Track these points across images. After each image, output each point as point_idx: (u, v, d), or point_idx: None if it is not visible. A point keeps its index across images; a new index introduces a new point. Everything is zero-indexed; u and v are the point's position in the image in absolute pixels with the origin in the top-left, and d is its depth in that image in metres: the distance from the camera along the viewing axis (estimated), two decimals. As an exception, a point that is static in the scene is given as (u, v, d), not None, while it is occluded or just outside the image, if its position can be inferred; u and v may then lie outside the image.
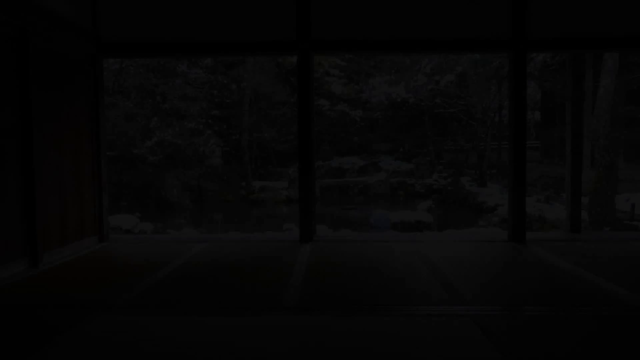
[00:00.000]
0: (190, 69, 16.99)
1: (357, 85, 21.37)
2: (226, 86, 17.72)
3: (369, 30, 5.25)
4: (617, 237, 6.07)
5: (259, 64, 17.42)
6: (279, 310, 3.16)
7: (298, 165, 5.31)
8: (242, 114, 17.88)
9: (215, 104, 18.06)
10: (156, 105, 15.64)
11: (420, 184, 18.83)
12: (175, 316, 3.05)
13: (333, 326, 2.86)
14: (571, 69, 5.91)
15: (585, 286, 3.63)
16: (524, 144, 5.27)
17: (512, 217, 5.31)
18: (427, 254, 4.70)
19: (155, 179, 15.25)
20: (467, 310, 3.10)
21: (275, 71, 18.62)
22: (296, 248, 5.01)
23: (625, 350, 2.52)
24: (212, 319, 3.00)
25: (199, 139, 16.35)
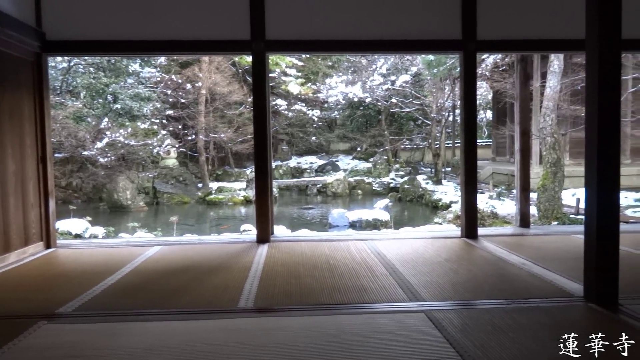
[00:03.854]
0: (143, 67, 16.55)
1: (315, 85, 21.41)
2: (181, 86, 17.36)
3: (324, 30, 5.25)
4: (563, 230, 6.34)
5: (214, 63, 17.17)
6: (234, 312, 3.12)
7: (254, 166, 5.26)
8: (197, 114, 17.57)
9: (170, 103, 17.67)
10: (107, 105, 15.14)
11: (378, 183, 19.08)
12: (125, 322, 2.95)
13: (289, 325, 2.84)
14: (519, 70, 6.13)
15: (533, 279, 3.76)
16: (474, 143, 5.41)
17: (465, 214, 5.44)
18: (383, 251, 4.76)
19: (107, 182, 14.77)
20: (421, 305, 3.16)
21: (231, 70, 18.41)
22: (253, 249, 4.96)
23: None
24: (164, 324, 2.92)
25: (153, 140, 15.95)
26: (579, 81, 12.59)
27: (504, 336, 2.63)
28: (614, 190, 3.06)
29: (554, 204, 10.02)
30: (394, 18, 5.27)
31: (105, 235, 9.97)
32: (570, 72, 12.86)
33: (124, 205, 14.68)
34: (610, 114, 3.02)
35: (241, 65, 18.12)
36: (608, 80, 3.00)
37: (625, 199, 12.73)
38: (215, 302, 3.32)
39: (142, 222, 12.48)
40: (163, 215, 14.30)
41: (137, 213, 14.55)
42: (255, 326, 2.88)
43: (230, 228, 11.81)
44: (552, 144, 9.95)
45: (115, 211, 14.44)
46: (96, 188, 15.25)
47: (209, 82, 17.26)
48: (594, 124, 3.05)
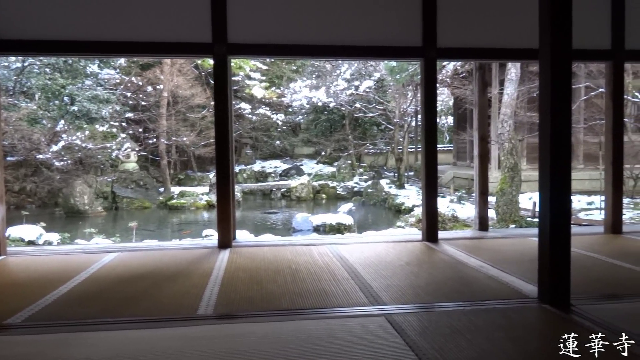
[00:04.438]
0: (102, 69, 16.10)
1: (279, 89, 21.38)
2: (141, 88, 16.99)
3: (287, 34, 5.24)
4: (520, 233, 6.53)
5: (176, 65, 16.89)
6: (193, 319, 3.06)
7: (215, 171, 5.19)
8: (159, 117, 17.22)
9: (130, 106, 17.26)
10: (63, 107, 14.64)
11: (342, 187, 19.19)
12: (78, 333, 2.85)
13: (250, 332, 2.81)
14: (477, 77, 6.29)
15: (490, 281, 3.86)
16: (435, 148, 5.50)
17: (426, 218, 5.53)
18: (345, 255, 4.78)
19: (63, 186, 14.27)
20: (381, 309, 3.18)
21: (194, 73, 18.15)
22: (214, 255, 4.89)
23: (525, 338, 2.70)
24: (119, 333, 2.83)
25: (112, 143, 15.52)
26: (535, 89, 13.03)
27: (461, 338, 2.68)
28: (565, 194, 3.18)
29: (511, 207, 10.32)
30: (358, 25, 5.31)
31: (60, 241, 9.62)
32: (527, 80, 13.30)
33: (81, 210, 14.22)
34: (561, 121, 3.13)
35: (204, 68, 17.89)
36: (559, 88, 3.12)
37: (578, 203, 13.25)
38: (174, 309, 3.25)
39: (100, 227, 12.12)
40: (122, 220, 13.93)
41: (94, 218, 14.12)
42: (215, 333, 2.83)
43: (192, 233, 11.61)
44: (510, 149, 10.26)
45: (72, 217, 13.96)
46: (51, 193, 14.71)
47: (170, 84, 16.96)
48: (546, 130, 3.16)
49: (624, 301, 3.36)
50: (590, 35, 5.62)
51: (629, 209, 12.49)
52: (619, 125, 5.82)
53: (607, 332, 2.75)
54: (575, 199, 13.42)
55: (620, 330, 2.75)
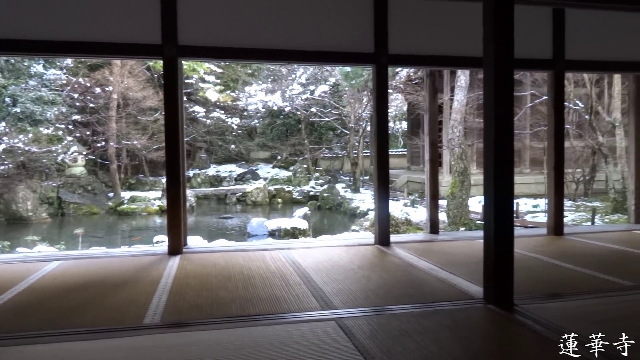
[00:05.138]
0: (47, 69, 15.44)
1: (234, 93, 21.17)
2: (89, 89, 16.40)
3: (241, 38, 5.18)
4: (469, 236, 6.72)
5: (127, 66, 16.42)
6: (139, 329, 2.96)
7: (166, 175, 5.07)
8: (108, 120, 16.67)
9: (77, 108, 16.63)
10: (4, 108, 13.93)
11: (298, 191, 19.18)
12: (14, 346, 2.70)
13: (198, 340, 2.75)
14: (428, 84, 6.44)
15: (439, 283, 3.94)
16: (386, 153, 5.58)
17: (378, 222, 5.59)
18: (298, 260, 4.77)
19: (5, 191, 13.56)
20: (332, 313, 3.19)
21: (146, 75, 17.70)
22: (164, 262, 4.76)
23: (470, 338, 2.77)
24: (60, 346, 2.71)
25: (57, 147, 14.89)
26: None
27: (410, 340, 2.72)
28: (508, 198, 3.29)
29: (461, 210, 10.62)
30: (312, 30, 5.33)
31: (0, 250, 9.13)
32: (476, 87, 13.74)
33: (23, 216, 13.56)
34: (504, 127, 3.25)
35: (156, 70, 17.48)
36: (502, 95, 3.23)
37: (525, 205, 13.80)
38: (119, 319, 3.14)
39: (44, 235, 11.60)
40: (68, 227, 13.38)
41: (38, 225, 13.50)
42: (162, 343, 2.75)
43: (144, 240, 11.30)
44: (460, 154, 10.56)
45: (14, 224, 13.30)
46: (-9, 198, 13.96)
47: (121, 86, 16.47)
48: (490, 136, 3.27)
49: (564, 300, 3.50)
50: (533, 45, 5.86)
51: (571, 211, 13.11)
52: (560, 132, 6.10)
53: (547, 330, 2.87)
54: (522, 202, 13.98)
55: (559, 328, 2.88)
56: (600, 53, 6.14)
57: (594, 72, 10.56)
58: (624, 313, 3.18)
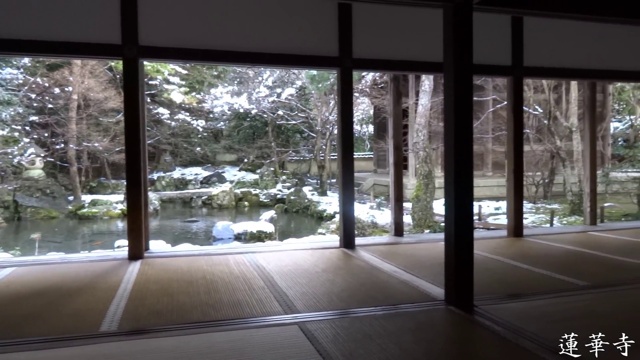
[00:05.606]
0: (3, 68, 14.87)
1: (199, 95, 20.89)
2: (48, 90, 15.86)
3: (204, 39, 5.12)
4: (433, 238, 6.81)
5: (88, 66, 15.96)
6: (96, 337, 2.87)
7: (126, 178, 4.95)
8: (68, 121, 16.16)
9: (35, 109, 16.07)
10: (-43, 108, 13.34)
11: (265, 194, 19.07)
12: (-40, 358, 2.58)
13: (157, 347, 2.68)
14: (392, 88, 6.51)
15: (402, 285, 3.98)
16: (351, 156, 5.61)
17: (343, 225, 5.61)
18: (263, 264, 4.73)
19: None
20: (295, 317, 3.17)
21: (107, 75, 17.25)
22: (124, 267, 4.64)
23: (431, 340, 2.80)
24: (11, 357, 2.59)
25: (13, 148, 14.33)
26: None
27: (372, 343, 2.73)
28: (468, 200, 3.35)
29: (426, 213, 10.77)
30: (277, 33, 5.31)
31: (-50, 256, 8.70)
32: (440, 92, 13.96)
33: (-24, 221, 12.99)
34: (464, 131, 3.31)
35: (118, 71, 17.03)
36: (462, 100, 3.29)
37: (487, 208, 14.11)
38: (75, 327, 3.03)
39: (-1, 240, 11.13)
40: (25, 232, 12.89)
41: (-8, 230, 12.95)
42: (118, 350, 2.67)
43: (104, 244, 10.98)
44: (424, 157, 10.72)
45: (-35, 229, 12.72)
46: (-59, 202, 13.32)
47: (81, 86, 15.99)
48: (450, 139, 3.32)
49: (522, 300, 3.59)
50: (493, 52, 6.02)
51: (531, 213, 13.49)
52: (519, 136, 6.27)
53: (505, 331, 2.93)
54: (485, 204, 14.30)
55: (517, 328, 2.95)
56: (557, 60, 6.36)
57: (551, 78, 10.92)
58: (578, 312, 3.28)
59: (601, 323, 3.04)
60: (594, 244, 5.77)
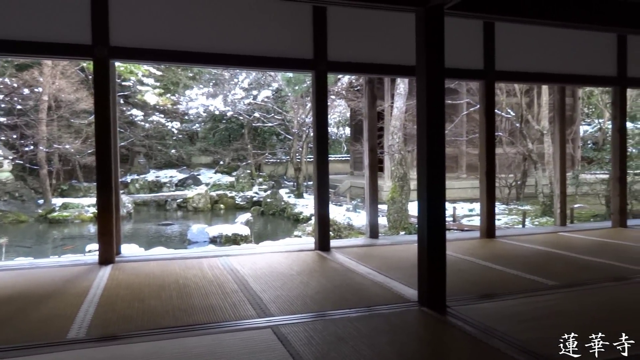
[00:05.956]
0: (-31, 68, 14.44)
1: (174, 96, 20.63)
2: (17, 90, 15.45)
3: (177, 40, 5.05)
4: (408, 239, 6.86)
5: (59, 67, 15.61)
6: (63, 344, 2.79)
7: (96, 180, 4.85)
8: (38, 123, 15.76)
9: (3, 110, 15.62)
10: None
11: (241, 197, 18.95)
12: None
13: (126, 354, 2.63)
14: (367, 91, 6.55)
15: (376, 287, 3.99)
16: (326, 158, 5.61)
17: (318, 227, 5.61)
18: (237, 267, 4.69)
19: None
20: (268, 321, 3.15)
21: (79, 76, 16.91)
22: (95, 272, 4.54)
23: (403, 341, 2.82)
24: (-28, 366, 2.51)
25: (-20, 151, 13.93)
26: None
27: (345, 345, 2.73)
28: (440, 202, 3.39)
29: (401, 215, 10.86)
30: (252, 35, 5.29)
31: None
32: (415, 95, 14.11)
33: (-60, 226, 12.56)
34: (436, 133, 3.35)
35: (90, 71, 16.72)
36: (434, 103, 3.33)
37: (462, 209, 14.31)
38: (41, 334, 2.95)
39: (-36, 245, 10.77)
40: (-8, 236, 12.51)
41: (-42, 235, 12.53)
42: (86, 358, 2.61)
43: (75, 249, 10.76)
44: (400, 160, 10.81)
45: None
46: None
47: (52, 87, 15.63)
48: (423, 142, 3.35)
49: (494, 301, 3.64)
50: (466, 56, 6.11)
51: (504, 214, 13.74)
52: (491, 139, 6.38)
53: (476, 331, 2.97)
54: (459, 206, 14.50)
55: (488, 328, 2.99)
56: (528, 65, 6.49)
57: (522, 82, 11.15)
58: (547, 312, 3.35)
59: (569, 322, 3.11)
60: (563, 244, 5.90)
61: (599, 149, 16.69)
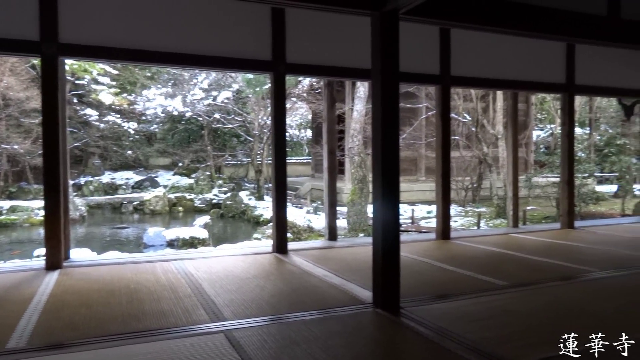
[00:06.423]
0: None
1: (131, 96, 20.09)
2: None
3: (131, 38, 4.91)
4: (366, 242, 6.91)
5: (7, 64, 14.93)
6: (3, 354, 2.65)
7: (43, 182, 4.65)
8: (-16, 122, 15.03)
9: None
10: None
11: (200, 199, 18.64)
12: None
13: (69, 365, 2.52)
14: (326, 94, 6.56)
15: (332, 289, 4.00)
16: (284, 161, 5.59)
17: (276, 230, 5.58)
18: (191, 271, 4.60)
19: None
20: (221, 325, 3.09)
21: (30, 74, 16.22)
22: (40, 277, 4.35)
23: (357, 343, 2.82)
24: None
25: None
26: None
27: (298, 349, 2.72)
28: (394, 205, 3.42)
29: (361, 217, 10.94)
30: (209, 34, 5.20)
31: None
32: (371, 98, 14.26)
33: None
34: (391, 137, 3.38)
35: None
36: (388, 106, 3.37)
37: (420, 211, 14.56)
38: (-22, 344, 2.80)
39: None
40: None
41: None
42: (27, 369, 2.49)
43: (23, 253, 10.29)
44: (359, 162, 10.90)
45: None
46: None
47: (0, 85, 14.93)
48: (378, 145, 3.38)
49: (447, 301, 3.71)
50: (423, 61, 6.22)
51: (461, 216, 14.07)
52: (447, 142, 6.52)
53: (428, 331, 3.01)
54: (418, 208, 14.75)
55: (440, 329, 3.04)
56: (482, 71, 6.67)
57: (476, 88, 11.44)
58: (497, 311, 3.43)
59: (517, 321, 3.21)
60: (514, 245, 6.08)
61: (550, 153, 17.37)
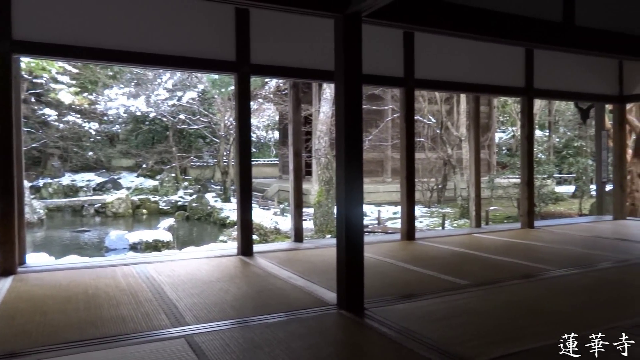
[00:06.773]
0: None
1: (92, 96, 19.55)
2: None
3: (89, 36, 4.77)
4: (332, 243, 6.91)
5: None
6: (-53, 366, 2.53)
7: (-5, 184, 4.46)
8: None
9: None
10: None
11: (165, 201, 18.31)
12: None
13: (20, 375, 2.42)
14: (292, 95, 6.54)
15: (297, 291, 3.98)
16: (249, 162, 5.53)
17: (241, 232, 5.52)
18: (153, 275, 4.50)
19: None
20: (182, 330, 3.03)
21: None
22: (-8, 284, 4.17)
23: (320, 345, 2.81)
24: None
25: None
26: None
27: (261, 352, 2.69)
28: (358, 206, 3.44)
29: (328, 218, 10.97)
30: (172, 33, 5.11)
31: None
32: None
33: None
34: (353, 138, 3.39)
35: None
36: (351, 108, 3.38)
37: (387, 212, 14.72)
38: None
39: None
40: None
41: None
42: (-26, 380, 2.38)
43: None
44: (326, 164, 10.92)
45: None
46: None
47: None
48: (341, 146, 3.39)
49: (409, 301, 3.74)
50: (387, 63, 6.27)
51: (426, 216, 14.29)
52: (411, 144, 6.60)
53: (391, 331, 3.04)
54: (384, 209, 14.90)
55: (403, 329, 3.06)
56: (445, 74, 6.78)
57: (440, 90, 11.67)
58: (458, 310, 3.49)
59: (478, 320, 3.27)
60: (476, 245, 6.21)
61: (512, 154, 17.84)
